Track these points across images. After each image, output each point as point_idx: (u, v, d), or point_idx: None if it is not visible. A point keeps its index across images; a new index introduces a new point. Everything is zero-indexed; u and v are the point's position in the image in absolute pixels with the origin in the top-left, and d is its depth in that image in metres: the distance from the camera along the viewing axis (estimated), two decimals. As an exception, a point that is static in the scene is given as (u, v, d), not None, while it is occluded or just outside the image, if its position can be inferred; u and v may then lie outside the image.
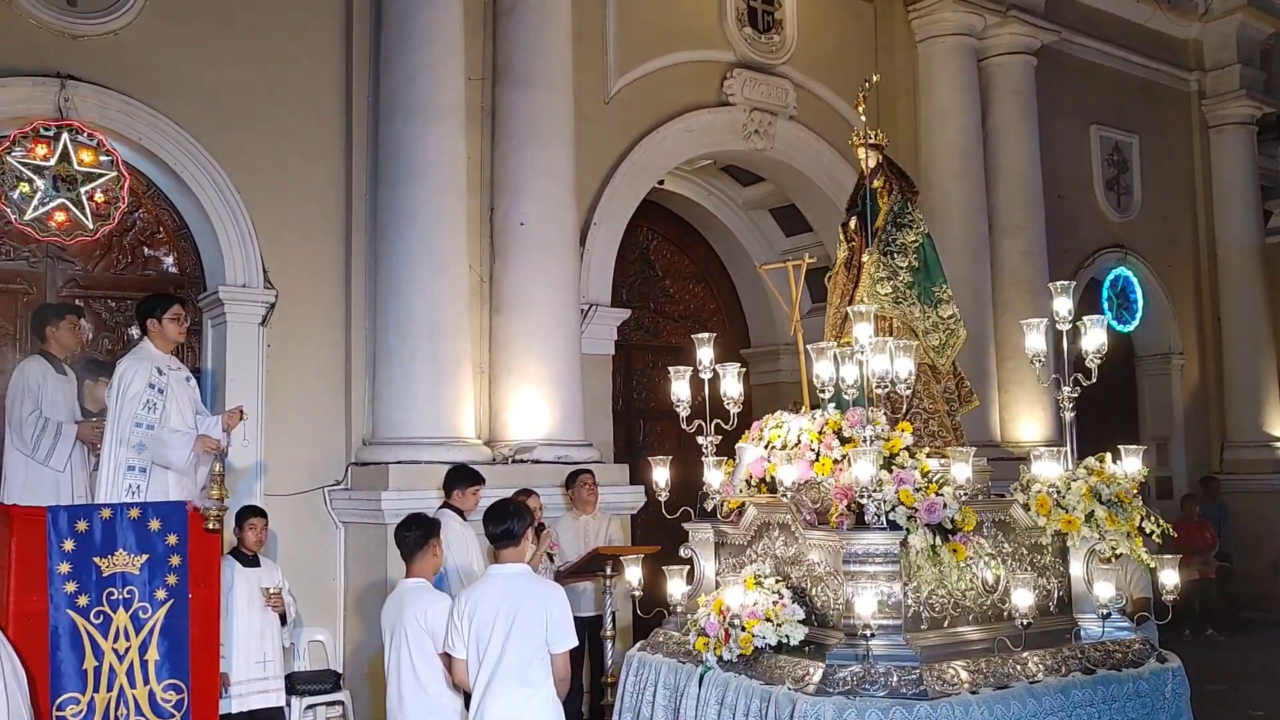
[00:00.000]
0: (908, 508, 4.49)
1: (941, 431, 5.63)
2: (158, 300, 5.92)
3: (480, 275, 8.01)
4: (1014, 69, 11.18)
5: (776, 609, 4.71)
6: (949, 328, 5.79)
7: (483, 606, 4.49)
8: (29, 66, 6.78)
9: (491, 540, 4.69)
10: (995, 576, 4.82)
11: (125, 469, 5.48)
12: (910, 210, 5.91)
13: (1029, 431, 10.75)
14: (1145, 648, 4.99)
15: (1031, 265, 11.00)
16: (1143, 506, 5.19)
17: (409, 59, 7.59)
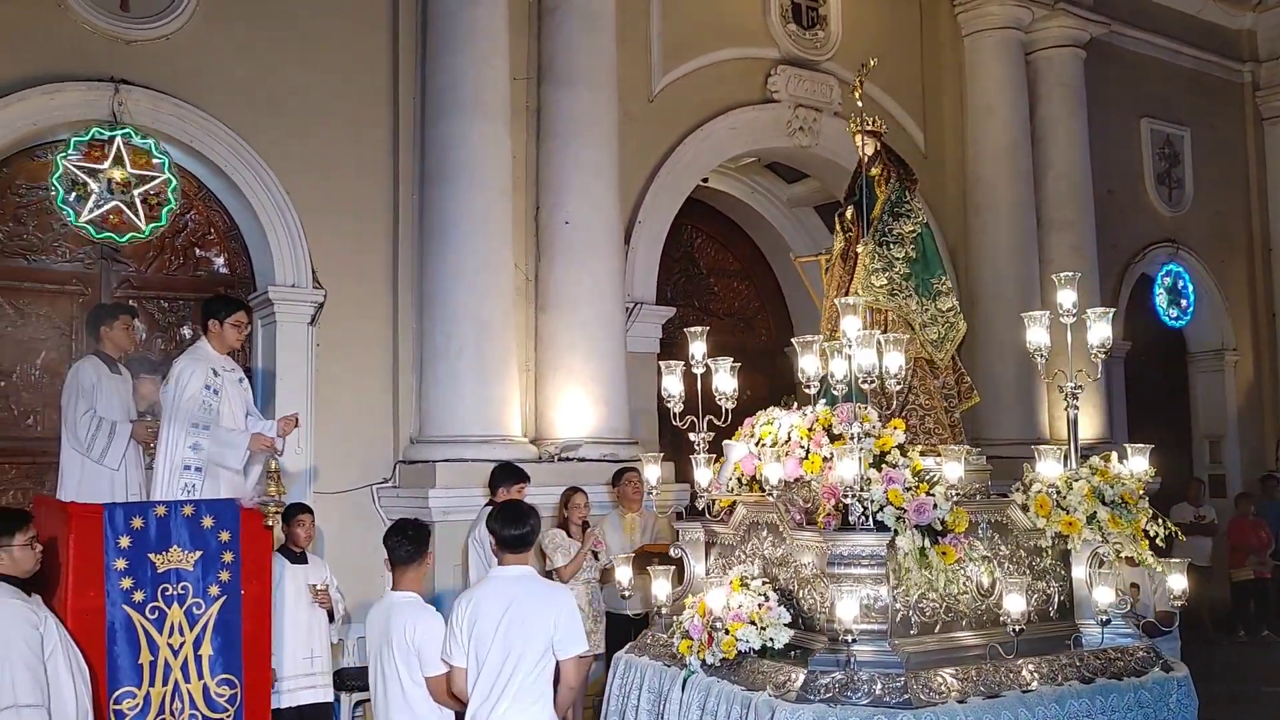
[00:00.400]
0: (896, 508, 4.32)
1: (938, 429, 5.46)
2: (224, 303, 6.00)
3: (525, 274, 8.04)
4: (1062, 62, 11.04)
5: (761, 612, 4.56)
6: (948, 321, 5.60)
7: (484, 611, 4.23)
8: (84, 72, 6.90)
9: (504, 544, 4.40)
10: (991, 580, 4.65)
11: (181, 468, 5.57)
12: (908, 199, 5.75)
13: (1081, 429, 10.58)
14: (1149, 656, 4.79)
15: (1081, 260, 10.83)
16: (1149, 508, 4.98)
17: (455, 59, 7.63)
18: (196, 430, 5.60)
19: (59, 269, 7.19)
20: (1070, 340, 5.15)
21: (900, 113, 10.53)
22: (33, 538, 4.56)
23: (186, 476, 5.56)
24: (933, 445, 5.15)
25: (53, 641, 4.45)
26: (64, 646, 4.50)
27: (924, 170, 10.56)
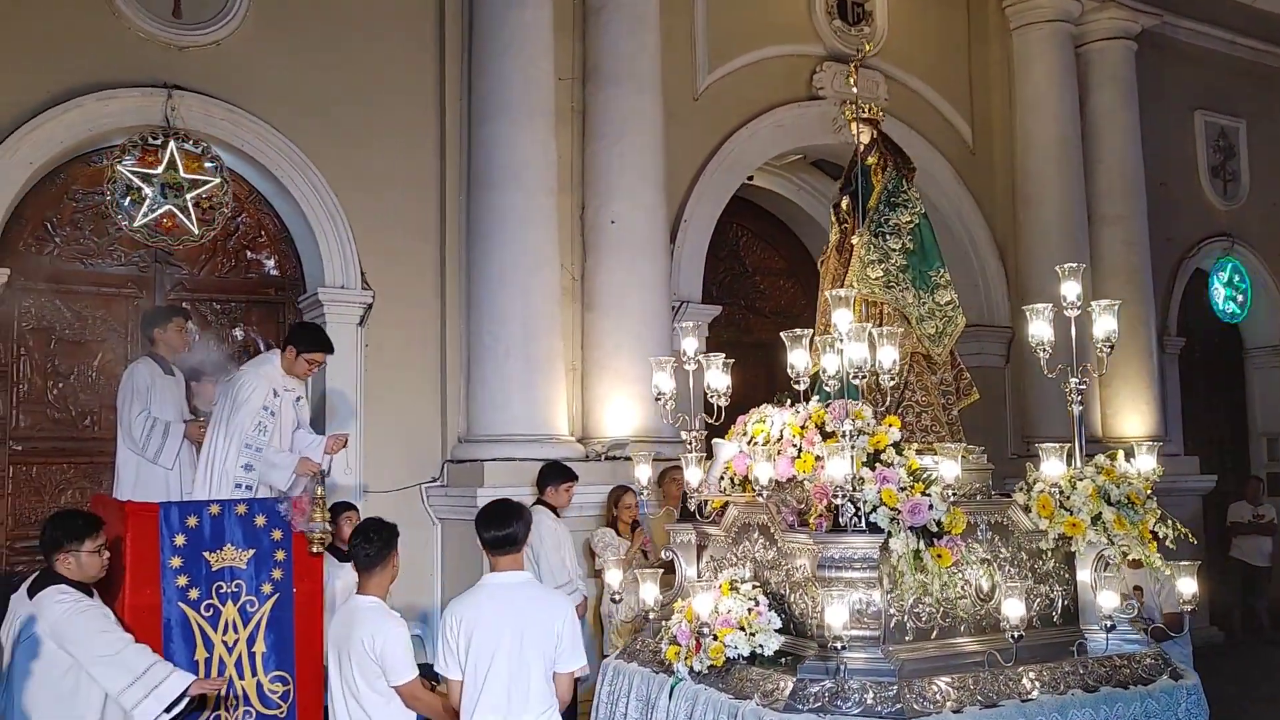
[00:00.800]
0: (890, 509, 4.14)
1: (935, 426, 5.28)
2: (311, 340, 6.02)
3: (572, 274, 8.06)
4: (1113, 54, 10.87)
5: (750, 617, 4.39)
6: (946, 315, 5.41)
7: (483, 622, 4.00)
8: (138, 78, 7.02)
9: (488, 546, 4.15)
10: (991, 584, 4.47)
11: (233, 486, 5.63)
12: (906, 189, 5.57)
13: (1132, 426, 10.46)
14: (1157, 663, 4.58)
15: (1133, 255, 10.69)
16: (1157, 508, 4.77)
17: (500, 61, 7.68)
18: (249, 451, 5.66)
19: (114, 272, 7.32)
20: (1074, 334, 4.93)
21: (947, 108, 10.44)
22: (101, 545, 4.63)
23: (237, 494, 5.62)
24: (929, 443, 4.96)
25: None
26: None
27: (972, 165, 10.50)
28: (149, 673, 4.43)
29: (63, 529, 4.59)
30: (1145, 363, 10.59)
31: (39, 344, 7.06)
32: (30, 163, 6.76)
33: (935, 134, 10.33)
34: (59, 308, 7.13)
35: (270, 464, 5.71)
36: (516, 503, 4.35)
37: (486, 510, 4.23)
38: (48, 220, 7.12)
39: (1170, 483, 10.52)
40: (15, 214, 6.88)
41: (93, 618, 4.45)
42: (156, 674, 4.44)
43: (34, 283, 7.04)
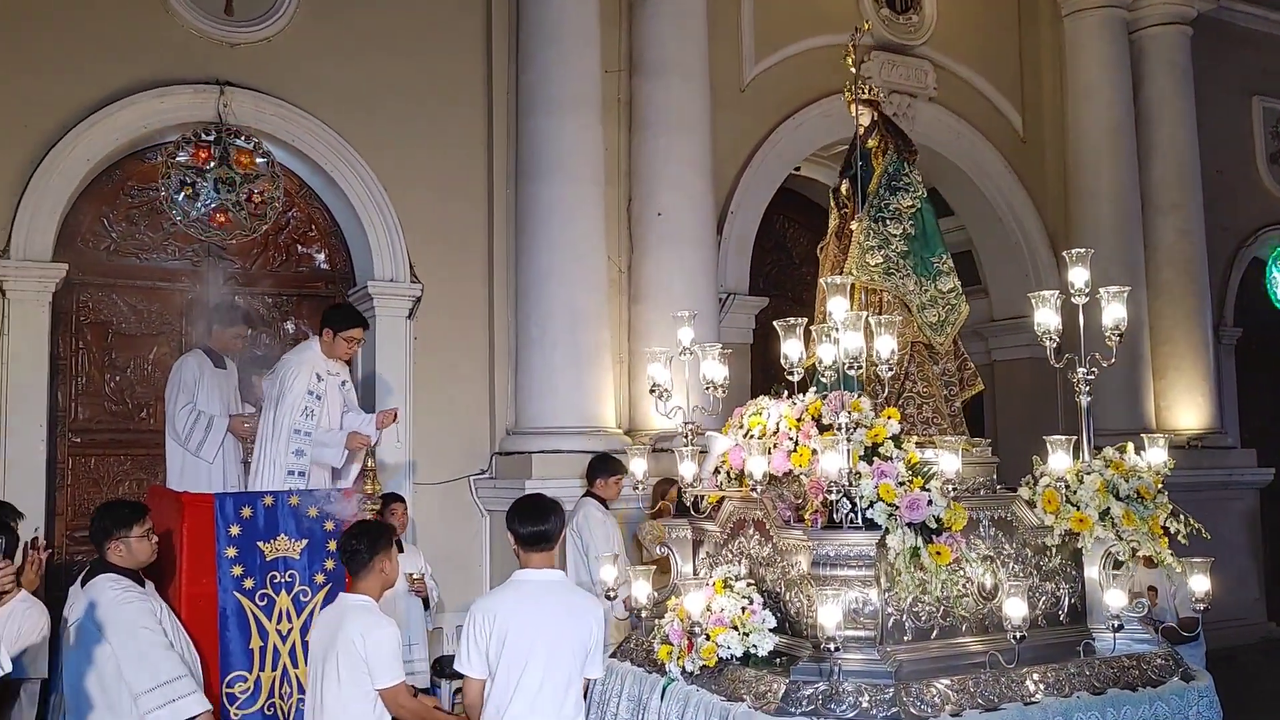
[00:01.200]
0: (888, 504, 3.97)
1: (936, 418, 5.09)
2: (343, 316, 6.10)
3: (619, 266, 8.07)
4: (1168, 40, 10.67)
5: (744, 616, 4.25)
6: (949, 303, 5.21)
7: (517, 620, 3.86)
8: (190, 75, 7.12)
9: (522, 542, 4.03)
10: (994, 582, 4.31)
11: (285, 473, 5.70)
12: (907, 172, 5.37)
13: (1187, 419, 10.29)
14: (1167, 663, 4.41)
15: (1189, 244, 10.51)
16: (1169, 503, 4.59)
17: (547, 53, 7.69)
18: (299, 436, 5.73)
19: (169, 267, 7.43)
20: (1083, 322, 4.74)
21: (997, 96, 10.32)
22: (149, 530, 4.71)
23: (290, 481, 5.70)
24: (930, 436, 4.79)
25: (169, 632, 4.59)
26: (174, 635, 4.65)
27: (1023, 154, 10.37)
28: (172, 684, 4.41)
29: (110, 518, 4.67)
30: (1201, 354, 10.41)
31: (96, 337, 7.19)
32: (87, 160, 6.87)
33: (985, 123, 10.22)
34: (115, 302, 7.26)
35: (321, 444, 5.78)
36: (551, 498, 4.23)
37: (521, 505, 4.13)
38: (104, 216, 7.24)
39: (1226, 476, 10.40)
40: (73, 210, 7.01)
41: (137, 611, 4.49)
42: (179, 688, 4.41)
43: (91, 277, 7.17)
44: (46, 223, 6.73)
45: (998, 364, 10.44)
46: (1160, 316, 10.33)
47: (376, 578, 4.28)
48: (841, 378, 4.32)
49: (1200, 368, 10.39)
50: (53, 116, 6.76)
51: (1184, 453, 10.06)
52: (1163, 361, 10.34)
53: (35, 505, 6.39)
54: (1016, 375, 10.35)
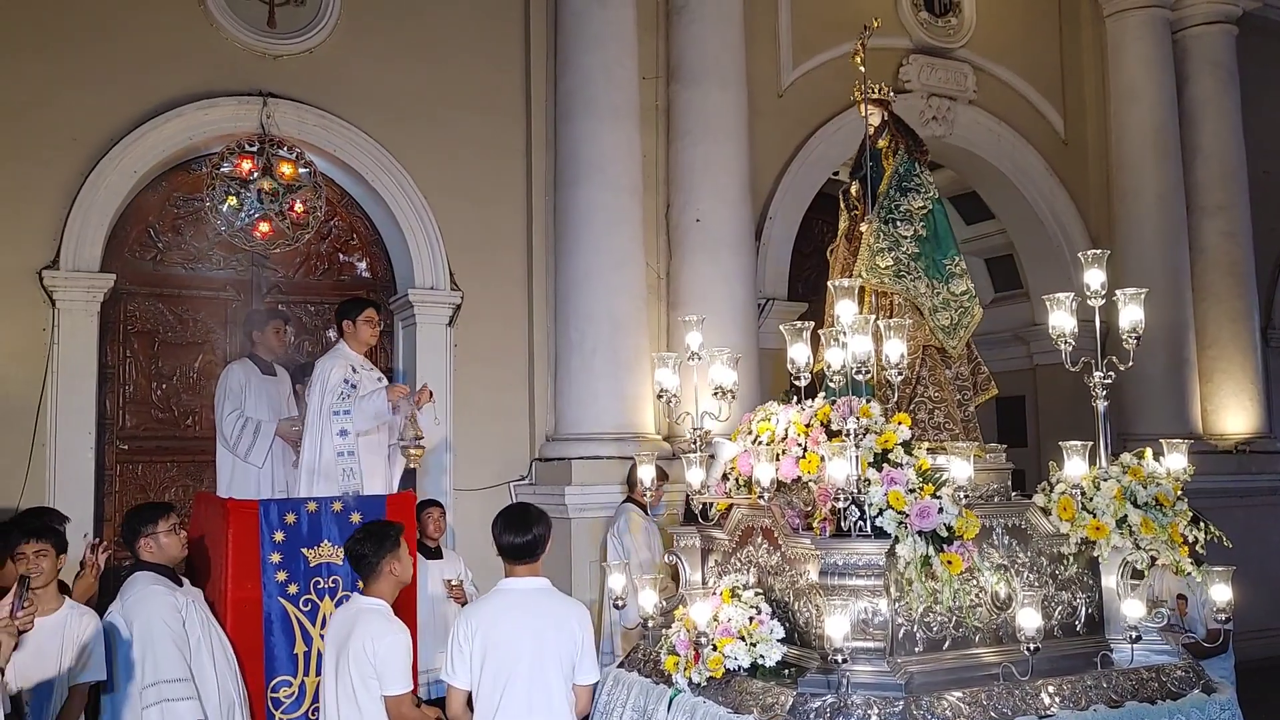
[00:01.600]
0: (898, 512, 3.87)
1: (949, 423, 4.99)
2: (353, 303, 6.20)
3: (657, 272, 8.08)
4: (1213, 39, 10.54)
5: (752, 626, 4.15)
6: (962, 305, 5.10)
7: (502, 629, 3.81)
8: (234, 87, 7.23)
9: (506, 553, 3.96)
10: (1008, 591, 4.20)
11: (336, 456, 5.75)
12: (918, 172, 5.26)
13: (1234, 423, 10.14)
14: (1188, 675, 4.28)
15: (1234, 247, 10.36)
16: (1188, 510, 4.46)
17: (585, 60, 7.72)
18: (340, 417, 5.76)
19: (214, 276, 7.53)
20: (1098, 325, 4.68)
21: (1038, 98, 10.23)
22: (175, 525, 4.76)
23: (343, 462, 5.75)
24: (942, 442, 4.69)
25: (195, 630, 4.61)
26: (209, 635, 4.67)
27: (1065, 156, 10.27)
28: (170, 685, 4.41)
29: (136, 518, 4.76)
30: (1248, 357, 10.26)
31: (143, 346, 7.31)
32: (134, 171, 6.99)
33: (1026, 125, 10.14)
34: (162, 311, 7.37)
35: (362, 412, 5.79)
36: (536, 508, 4.12)
37: (505, 515, 4.03)
38: (150, 227, 7.36)
39: (1275, 481, 10.23)
40: (120, 221, 7.13)
41: (159, 604, 4.51)
42: (175, 690, 4.40)
43: (138, 287, 7.29)
44: (95, 234, 6.85)
45: (1040, 368, 10.33)
46: (1206, 319, 10.19)
47: (387, 580, 4.19)
48: (849, 383, 4.24)
49: (1248, 371, 10.24)
50: (100, 129, 6.88)
51: (1231, 457, 9.92)
52: (1209, 365, 10.20)
53: (84, 511, 6.49)
54: (1059, 379, 10.23)
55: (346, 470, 5.74)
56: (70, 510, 6.32)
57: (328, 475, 5.71)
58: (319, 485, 5.75)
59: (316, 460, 5.76)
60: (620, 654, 5.74)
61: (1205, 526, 4.51)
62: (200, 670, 4.56)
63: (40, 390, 6.63)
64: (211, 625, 4.76)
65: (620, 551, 6.48)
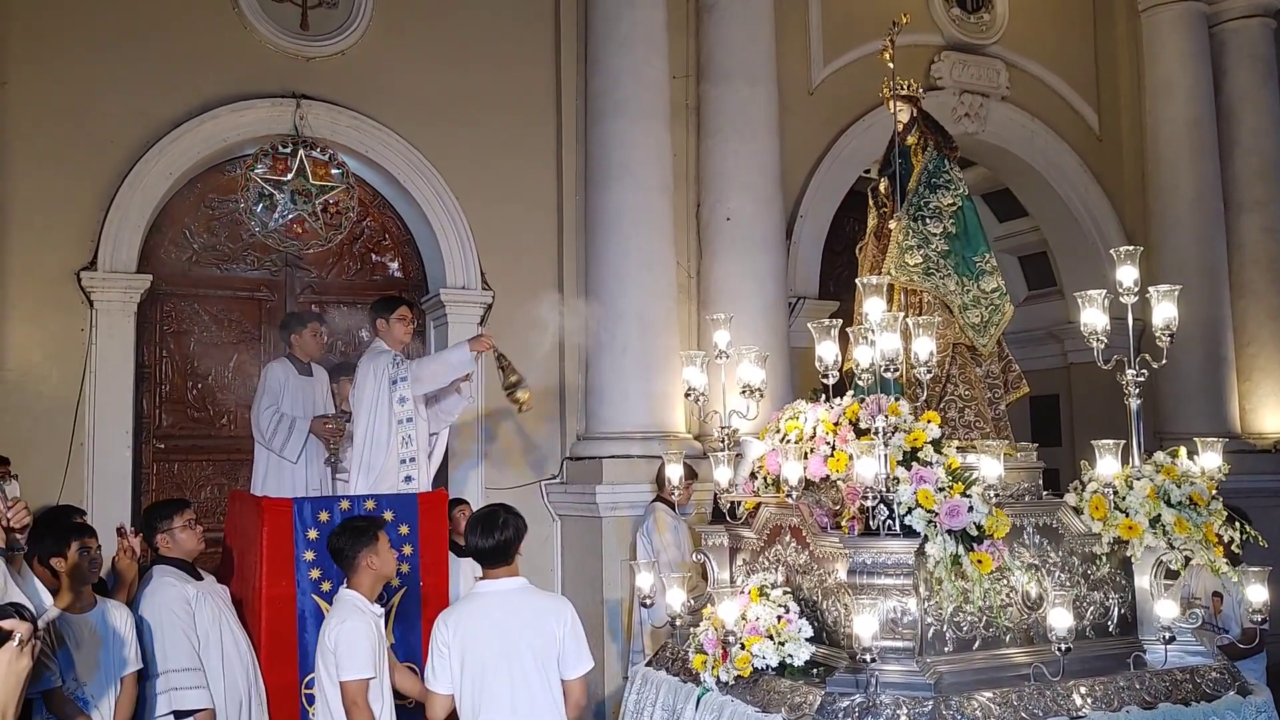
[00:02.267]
0: (927, 511, 3.84)
1: (979, 422, 4.93)
2: (386, 302, 6.24)
3: (688, 271, 8.08)
4: (1251, 33, 10.39)
5: (780, 625, 4.14)
6: (992, 303, 5.03)
7: (478, 630, 3.82)
8: (268, 89, 7.30)
9: (478, 557, 3.97)
10: (1039, 591, 4.15)
11: (398, 462, 5.77)
12: (947, 169, 5.21)
13: (1274, 422, 10.00)
14: (1223, 677, 4.21)
15: (1274, 243, 10.21)
16: (1223, 509, 4.39)
17: (615, 60, 7.74)
18: (401, 385, 5.76)
19: (248, 277, 7.61)
20: (1130, 322, 4.60)
21: (1072, 94, 10.14)
22: (191, 520, 4.87)
23: (403, 469, 5.78)
24: (972, 440, 4.64)
25: (205, 623, 4.69)
26: (220, 630, 4.75)
27: (1099, 152, 10.17)
28: (179, 674, 4.50)
29: (153, 515, 4.91)
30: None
31: (179, 346, 7.39)
32: (170, 174, 7.08)
33: (1060, 121, 10.05)
34: (197, 311, 7.46)
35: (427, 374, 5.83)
36: (508, 510, 4.10)
37: (475, 518, 4.04)
38: (186, 228, 7.44)
39: (1314, 481, 10.07)
40: (156, 223, 7.22)
41: (171, 595, 4.61)
42: (182, 679, 4.50)
43: (174, 287, 7.37)
44: (131, 235, 6.94)
45: (1074, 366, 10.24)
46: (1245, 317, 10.06)
47: (365, 574, 4.25)
48: (878, 380, 4.21)
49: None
50: (136, 132, 6.98)
51: (1271, 456, 9.79)
52: (1247, 363, 10.07)
53: (120, 510, 6.59)
54: (1093, 378, 10.12)
55: (405, 438, 5.76)
56: (107, 508, 6.44)
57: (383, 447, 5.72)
58: (373, 464, 5.75)
59: (368, 441, 5.75)
60: (649, 653, 5.75)
61: (1241, 526, 4.45)
62: (208, 663, 4.64)
63: (79, 390, 6.73)
64: (225, 621, 4.83)
65: (649, 550, 6.49)
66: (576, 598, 7.43)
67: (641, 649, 6.41)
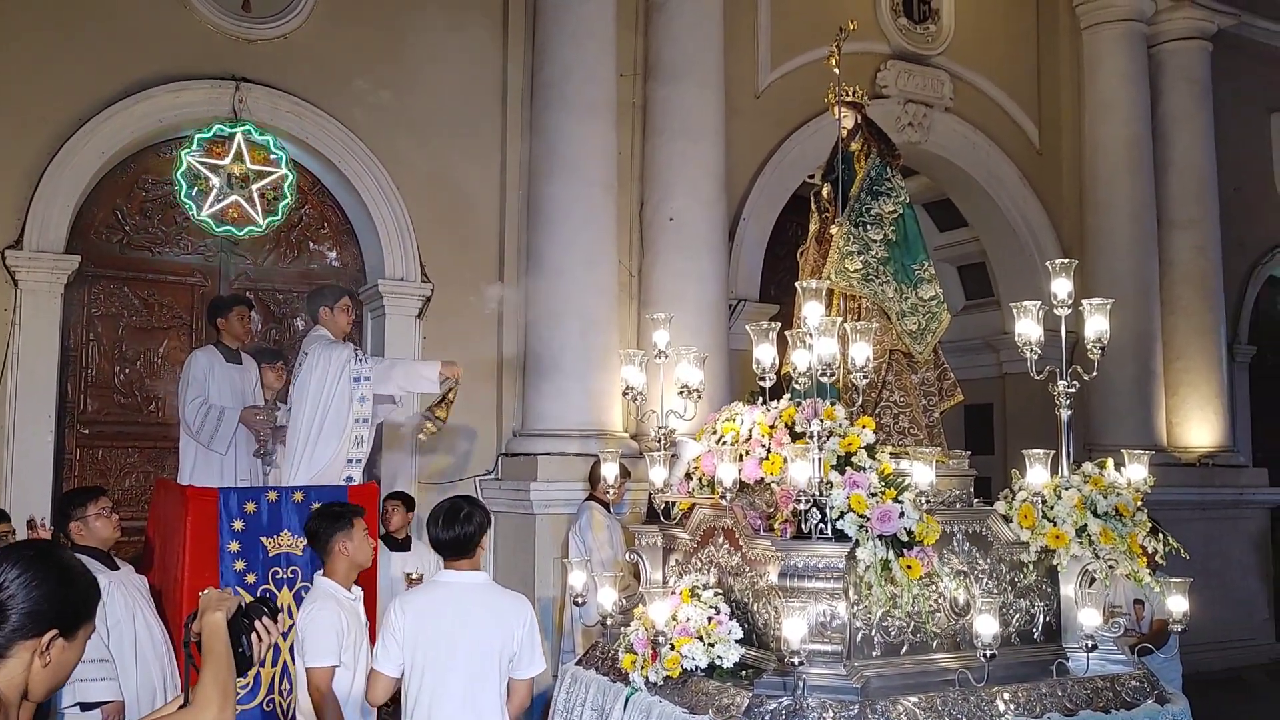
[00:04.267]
0: (859, 515, 3.85)
1: (913, 428, 4.97)
2: (329, 291, 6.13)
3: (629, 270, 8.06)
4: (1187, 55, 10.64)
5: (710, 627, 4.14)
6: (930, 310, 5.08)
7: (435, 620, 3.80)
8: (207, 70, 7.15)
9: (439, 547, 3.95)
10: (967, 598, 4.21)
11: (345, 461, 5.66)
12: (889, 176, 5.26)
13: (1199, 436, 10.24)
14: (1143, 685, 4.30)
15: (1204, 260, 10.47)
16: (1148, 520, 4.49)
17: (563, 55, 7.70)
18: (359, 384, 5.66)
19: (181, 261, 7.45)
20: (1064, 334, 4.69)
21: (1014, 108, 10.29)
22: (106, 508, 4.78)
23: (348, 469, 5.67)
24: (906, 447, 4.69)
25: (118, 612, 4.61)
26: (133, 619, 4.66)
27: (1039, 166, 10.33)
28: (83, 665, 4.26)
29: (67, 502, 4.83)
30: (1214, 371, 10.36)
31: (107, 330, 7.21)
32: (102, 152, 6.90)
33: (1001, 134, 10.19)
34: (127, 294, 7.28)
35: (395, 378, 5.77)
36: (472, 502, 4.05)
37: (440, 510, 3.98)
38: (118, 209, 7.27)
39: (1237, 495, 10.34)
40: (87, 202, 7.04)
41: None
42: (87, 671, 4.37)
43: (103, 270, 7.19)
44: (60, 215, 6.76)
45: (1009, 376, 10.40)
46: (1174, 332, 10.28)
47: (339, 559, 4.17)
48: (815, 385, 4.22)
49: (1213, 384, 10.34)
50: (68, 109, 6.79)
51: (1195, 470, 10.01)
52: (1176, 378, 10.29)
53: (42, 496, 6.42)
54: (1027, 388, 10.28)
55: (357, 439, 5.66)
56: (28, 494, 6.27)
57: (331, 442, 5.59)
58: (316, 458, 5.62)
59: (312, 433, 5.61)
60: (580, 651, 5.73)
61: (1164, 538, 4.54)
62: (120, 655, 4.56)
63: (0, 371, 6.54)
64: (140, 611, 4.75)
65: (582, 549, 6.47)
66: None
67: (573, 648, 6.38)
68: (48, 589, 2.03)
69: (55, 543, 3.25)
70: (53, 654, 2.04)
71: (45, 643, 2.03)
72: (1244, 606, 10.37)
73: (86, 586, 2.12)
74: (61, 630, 2.04)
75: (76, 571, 2.11)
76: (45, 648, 2.03)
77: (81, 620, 2.10)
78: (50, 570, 2.06)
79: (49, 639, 2.03)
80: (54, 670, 2.06)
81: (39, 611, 2.02)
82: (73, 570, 2.11)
